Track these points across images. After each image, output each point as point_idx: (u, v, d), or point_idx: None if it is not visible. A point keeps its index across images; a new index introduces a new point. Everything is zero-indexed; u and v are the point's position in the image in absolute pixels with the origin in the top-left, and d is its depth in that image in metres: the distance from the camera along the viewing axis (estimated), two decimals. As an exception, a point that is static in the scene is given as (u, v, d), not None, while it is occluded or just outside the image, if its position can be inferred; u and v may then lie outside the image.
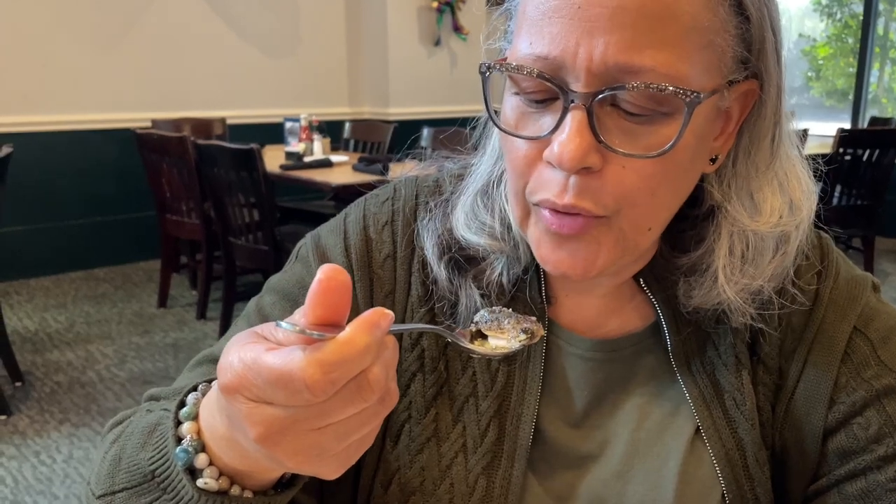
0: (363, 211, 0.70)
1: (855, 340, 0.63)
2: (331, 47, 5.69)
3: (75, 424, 2.71)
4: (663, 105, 0.51)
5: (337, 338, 0.38)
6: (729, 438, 0.63)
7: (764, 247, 0.60)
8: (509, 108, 0.56)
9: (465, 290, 0.64)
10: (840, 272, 0.66)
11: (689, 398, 0.63)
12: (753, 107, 0.57)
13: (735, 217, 0.59)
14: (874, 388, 0.61)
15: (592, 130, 0.51)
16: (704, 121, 0.53)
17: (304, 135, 3.89)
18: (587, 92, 0.50)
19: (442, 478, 0.62)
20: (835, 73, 7.42)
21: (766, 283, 0.60)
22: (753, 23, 0.53)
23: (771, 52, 0.55)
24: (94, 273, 4.65)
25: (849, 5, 7.11)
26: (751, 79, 0.55)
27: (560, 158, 0.51)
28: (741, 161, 0.59)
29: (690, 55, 0.50)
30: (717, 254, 0.60)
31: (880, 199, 4.27)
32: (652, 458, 0.63)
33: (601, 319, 0.66)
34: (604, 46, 0.49)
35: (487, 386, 0.64)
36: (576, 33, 0.50)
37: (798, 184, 0.61)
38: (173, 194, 3.67)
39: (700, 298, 0.61)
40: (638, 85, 0.49)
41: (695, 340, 0.64)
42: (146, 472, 0.51)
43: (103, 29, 4.54)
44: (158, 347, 3.43)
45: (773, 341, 0.64)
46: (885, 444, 0.60)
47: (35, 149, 4.30)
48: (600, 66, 0.50)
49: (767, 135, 0.58)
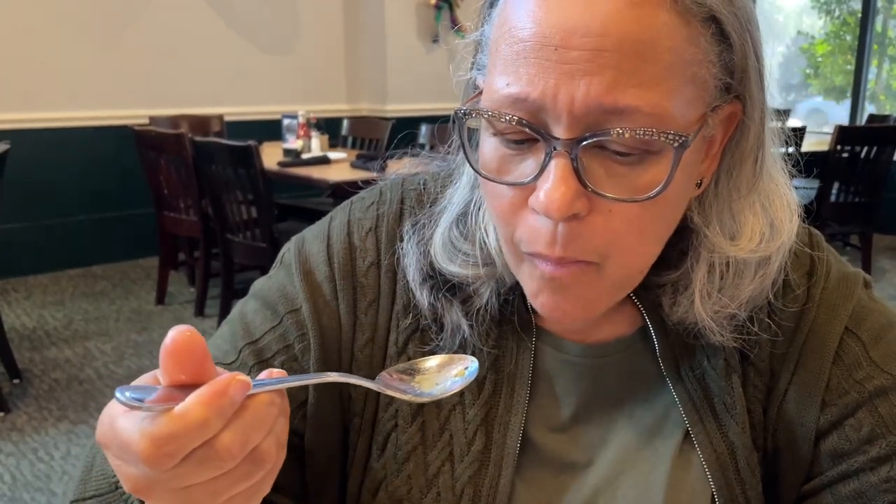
0: (348, 216, 0.68)
1: (846, 341, 0.62)
2: (329, 44, 5.68)
3: (73, 421, 2.71)
4: (650, 145, 0.49)
5: (171, 411, 0.37)
6: (719, 442, 0.62)
7: (744, 270, 0.59)
8: (488, 150, 0.53)
9: (451, 316, 0.63)
10: (831, 271, 0.65)
11: (679, 402, 0.63)
12: (736, 128, 0.56)
13: (714, 242, 0.58)
14: (866, 390, 0.60)
15: (578, 177, 0.49)
16: (691, 153, 0.51)
17: (302, 132, 3.89)
18: (570, 139, 0.48)
19: (429, 486, 0.62)
20: (833, 71, 7.43)
21: (740, 310, 0.59)
22: (736, 50, 0.51)
23: (754, 76, 0.53)
24: (92, 270, 4.65)
25: (847, 2, 7.11)
26: (734, 101, 0.54)
27: (547, 209, 0.49)
28: (723, 183, 0.58)
29: (673, 92, 0.48)
30: (696, 275, 0.59)
31: (878, 196, 4.27)
32: (641, 463, 0.63)
33: (588, 325, 0.65)
34: (585, 88, 0.47)
35: (475, 394, 0.63)
36: (554, 75, 0.47)
37: (781, 205, 0.59)
38: (171, 191, 3.67)
39: (680, 315, 0.61)
40: (623, 131, 0.47)
41: (683, 345, 0.64)
42: (112, 482, 0.53)
43: (101, 26, 4.54)
44: (156, 345, 3.42)
45: (762, 342, 0.64)
46: (878, 444, 0.59)
47: (32, 146, 4.29)
48: (582, 109, 0.47)
49: (750, 157, 0.57)
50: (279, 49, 5.36)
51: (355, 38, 5.71)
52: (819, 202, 4.24)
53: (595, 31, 0.46)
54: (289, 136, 3.95)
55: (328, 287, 0.65)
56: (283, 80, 5.39)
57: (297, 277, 0.66)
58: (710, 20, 0.49)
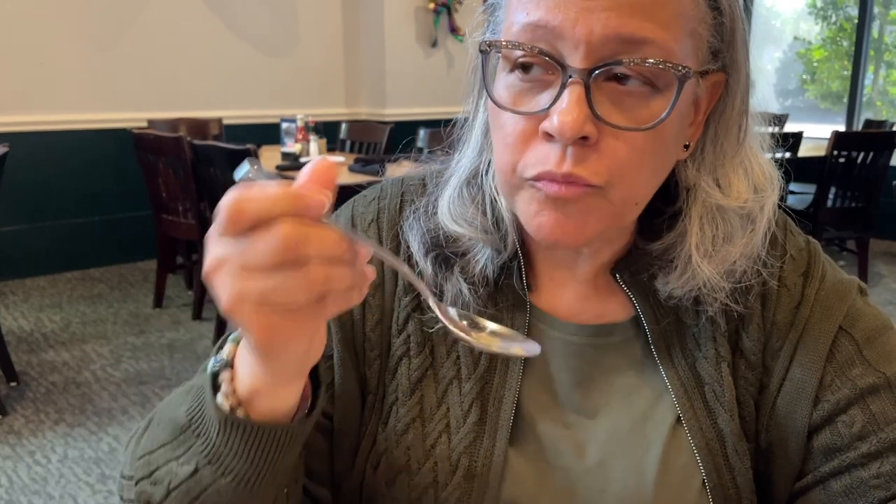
0: (351, 212, 0.72)
1: (840, 340, 0.64)
2: (328, 48, 5.69)
3: (70, 424, 2.71)
4: (656, 80, 0.54)
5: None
6: (709, 428, 0.64)
7: (733, 225, 0.62)
8: (503, 87, 0.58)
9: (451, 282, 0.66)
10: (826, 275, 0.67)
11: (671, 387, 0.65)
12: (720, 98, 0.61)
13: (707, 192, 0.62)
14: (858, 387, 0.62)
15: (589, 104, 0.53)
16: (685, 102, 0.57)
17: (301, 135, 3.90)
18: (585, 68, 0.52)
19: (426, 457, 0.64)
20: (830, 76, 7.45)
21: (738, 261, 0.63)
22: (726, 16, 0.57)
23: (741, 45, 0.59)
24: (90, 273, 4.65)
25: (844, 8, 7.14)
26: (720, 71, 0.59)
27: (561, 128, 0.52)
28: (709, 148, 0.62)
29: (679, 38, 0.54)
30: (690, 233, 0.62)
31: (875, 202, 4.29)
32: (633, 446, 0.64)
33: (582, 309, 0.68)
34: (605, 19, 0.51)
35: (470, 369, 0.65)
36: (574, 8, 0.52)
37: (762, 172, 0.64)
38: (169, 194, 3.67)
39: (676, 283, 0.63)
40: (635, 60, 0.52)
41: (675, 333, 0.66)
42: (183, 423, 0.53)
43: (100, 29, 4.54)
44: (154, 348, 3.43)
45: (756, 337, 0.66)
46: (869, 441, 0.61)
47: (31, 148, 4.29)
48: (601, 39, 0.52)
49: (735, 125, 0.61)
50: (278, 52, 5.36)
51: (354, 42, 5.72)
52: (816, 207, 4.25)
53: None
54: (287, 139, 3.95)
55: None
56: (282, 84, 5.39)
57: None
58: None
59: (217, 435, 0.51)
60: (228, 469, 0.51)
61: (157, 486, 0.53)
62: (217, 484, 0.52)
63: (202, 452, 0.52)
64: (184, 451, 0.53)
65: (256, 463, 0.51)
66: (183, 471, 0.52)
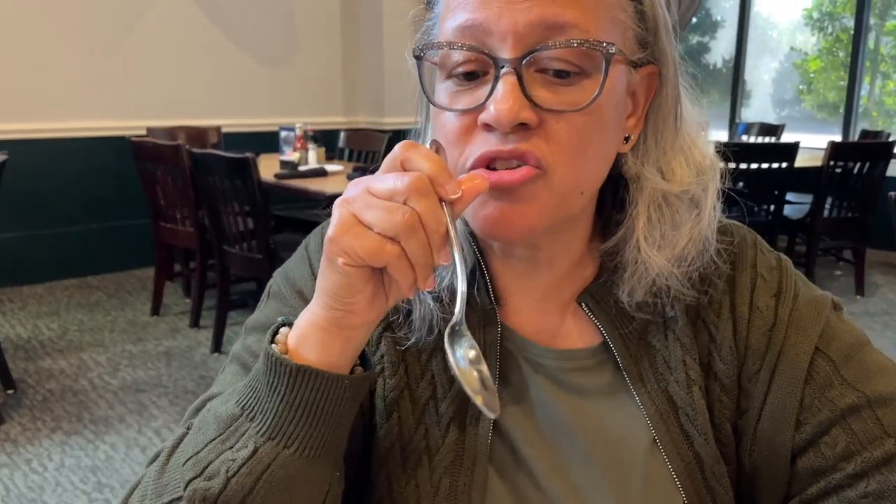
0: (321, 238, 0.72)
1: (817, 361, 0.64)
2: (326, 57, 5.70)
3: (67, 432, 2.70)
4: (584, 63, 0.56)
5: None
6: (686, 452, 0.64)
7: (680, 211, 0.64)
8: (442, 91, 0.60)
9: (419, 297, 0.66)
10: (799, 294, 0.67)
11: (645, 412, 0.65)
12: (657, 90, 0.63)
13: (649, 180, 0.64)
14: (838, 408, 0.62)
15: (523, 91, 0.55)
16: (619, 84, 0.59)
17: (299, 144, 3.90)
18: (515, 57, 0.55)
19: (407, 480, 0.64)
20: (826, 87, 7.49)
21: (687, 246, 0.64)
22: (646, 4, 0.60)
23: (663, 31, 0.61)
24: (88, 280, 4.64)
25: (840, 19, 7.18)
26: (652, 63, 0.62)
27: (497, 116, 0.55)
28: (650, 140, 0.65)
29: (601, 22, 0.57)
30: (637, 224, 0.64)
31: (871, 212, 4.31)
32: (611, 469, 0.64)
33: (550, 331, 0.68)
34: (527, 9, 0.55)
35: (446, 388, 0.65)
36: (496, 3, 0.55)
37: (702, 156, 0.66)
38: (168, 202, 3.67)
39: (632, 282, 0.64)
40: (560, 42, 0.55)
41: (646, 358, 0.66)
42: (233, 413, 0.55)
43: (99, 36, 4.55)
44: (151, 355, 3.43)
45: (729, 360, 0.66)
46: (854, 461, 0.60)
47: (30, 156, 4.29)
48: (526, 26, 0.55)
49: (671, 113, 0.64)
50: (277, 61, 5.38)
51: (353, 51, 5.74)
52: (813, 217, 4.27)
53: None
54: (286, 147, 3.96)
55: None
56: (281, 92, 5.41)
57: (291, 299, 0.69)
58: None
59: (280, 401, 0.53)
60: (292, 438, 0.53)
61: (212, 479, 0.53)
62: (280, 457, 0.52)
63: (259, 431, 0.53)
64: (237, 438, 0.54)
65: (320, 424, 0.53)
66: (241, 455, 0.53)
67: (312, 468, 0.54)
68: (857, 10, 5.93)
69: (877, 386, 0.62)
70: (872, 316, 4.15)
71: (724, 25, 7.60)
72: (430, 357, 0.66)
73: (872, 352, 0.66)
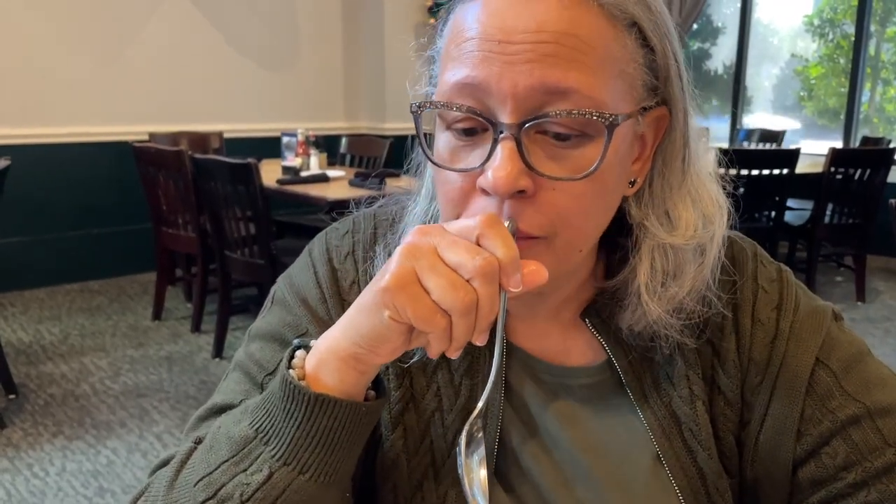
0: (325, 244, 0.73)
1: (818, 372, 0.64)
2: (328, 62, 5.72)
3: (69, 437, 2.70)
4: (587, 128, 0.54)
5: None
6: (690, 467, 0.64)
7: (684, 259, 0.62)
8: (442, 144, 0.59)
9: None
10: (800, 305, 0.67)
11: (648, 427, 0.65)
12: (665, 131, 0.61)
13: (653, 232, 0.62)
14: (839, 419, 0.62)
15: (522, 157, 0.53)
16: (623, 143, 0.57)
17: (301, 149, 3.91)
18: (514, 122, 0.53)
19: (413, 492, 0.64)
20: (827, 93, 7.50)
21: (686, 297, 0.63)
22: (658, 53, 0.57)
23: (675, 78, 0.59)
24: (89, 285, 4.65)
25: (841, 26, 7.19)
26: (661, 105, 0.59)
27: (494, 184, 0.53)
28: (657, 182, 0.62)
29: (606, 82, 0.54)
30: (639, 271, 0.62)
31: (872, 218, 4.31)
32: (616, 484, 0.64)
33: (553, 348, 0.68)
34: (528, 71, 0.52)
35: (451, 400, 0.65)
36: (497, 63, 0.53)
37: (710, 199, 0.64)
38: (169, 207, 3.68)
39: (632, 319, 0.63)
40: (562, 112, 0.52)
41: (649, 374, 0.66)
42: (247, 435, 0.54)
43: (101, 42, 4.57)
44: (153, 360, 3.43)
45: (733, 374, 0.66)
46: (854, 471, 0.61)
47: (32, 161, 4.31)
48: (526, 90, 0.52)
49: (678, 156, 0.62)
50: (279, 67, 5.40)
51: (355, 57, 5.76)
52: (814, 223, 4.27)
53: (533, 29, 0.52)
54: (288, 153, 3.96)
55: (322, 308, 0.69)
56: (283, 98, 5.42)
57: (295, 307, 0.69)
58: (633, 26, 0.56)
59: (297, 427, 0.52)
60: (307, 465, 0.53)
61: (226, 502, 0.53)
62: (295, 483, 0.53)
63: (274, 456, 0.53)
64: (251, 461, 0.54)
65: (335, 451, 0.53)
66: (255, 479, 0.53)
67: (326, 493, 0.54)
68: (857, 16, 5.94)
69: (877, 396, 0.63)
70: (873, 322, 4.15)
71: (724, 32, 7.61)
72: (435, 369, 0.66)
73: (872, 362, 0.66)
